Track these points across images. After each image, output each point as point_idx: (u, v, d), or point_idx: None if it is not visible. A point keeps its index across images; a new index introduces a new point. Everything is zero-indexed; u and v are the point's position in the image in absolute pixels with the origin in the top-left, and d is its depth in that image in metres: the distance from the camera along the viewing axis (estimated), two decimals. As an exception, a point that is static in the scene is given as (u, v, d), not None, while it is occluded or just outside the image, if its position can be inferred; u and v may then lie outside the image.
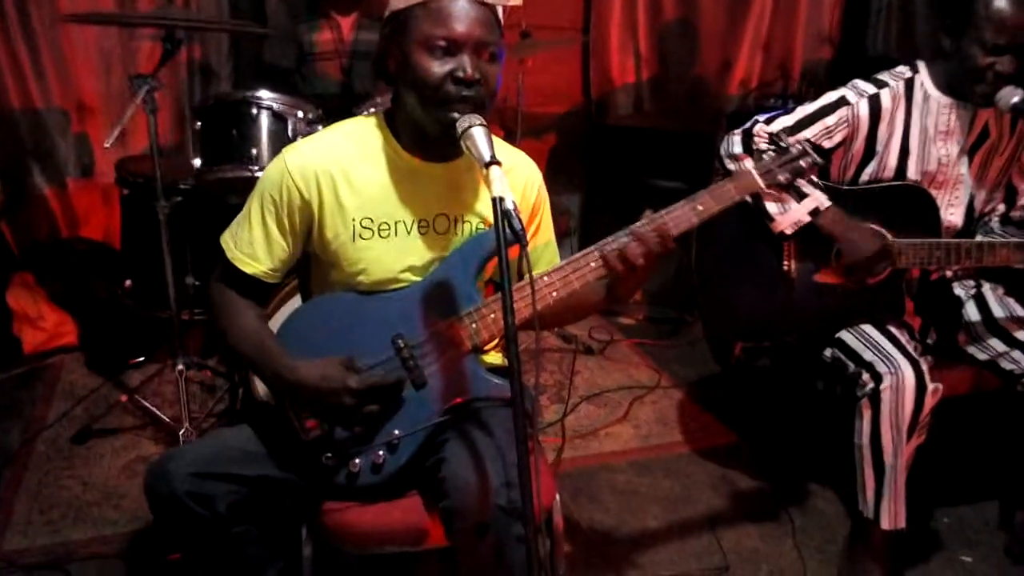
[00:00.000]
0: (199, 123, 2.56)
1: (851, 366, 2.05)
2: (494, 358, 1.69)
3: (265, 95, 2.50)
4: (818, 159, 1.57)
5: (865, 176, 2.15)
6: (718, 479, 2.58)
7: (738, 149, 2.10)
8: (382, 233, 1.49)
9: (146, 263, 2.78)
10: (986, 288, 2.22)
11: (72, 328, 3.32)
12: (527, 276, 1.20)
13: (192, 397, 2.74)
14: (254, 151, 2.47)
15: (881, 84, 2.11)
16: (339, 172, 1.47)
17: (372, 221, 1.48)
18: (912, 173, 2.10)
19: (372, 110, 2.62)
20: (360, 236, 1.48)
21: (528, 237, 1.61)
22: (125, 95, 2.99)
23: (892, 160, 2.11)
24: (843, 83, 2.17)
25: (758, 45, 4.15)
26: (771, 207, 2.09)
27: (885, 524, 1.99)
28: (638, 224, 1.47)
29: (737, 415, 2.95)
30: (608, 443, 2.77)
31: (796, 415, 2.85)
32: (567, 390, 3.07)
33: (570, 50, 4.07)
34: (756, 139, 2.09)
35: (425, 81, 1.37)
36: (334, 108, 2.83)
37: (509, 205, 1.21)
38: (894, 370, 1.93)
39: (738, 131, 2.13)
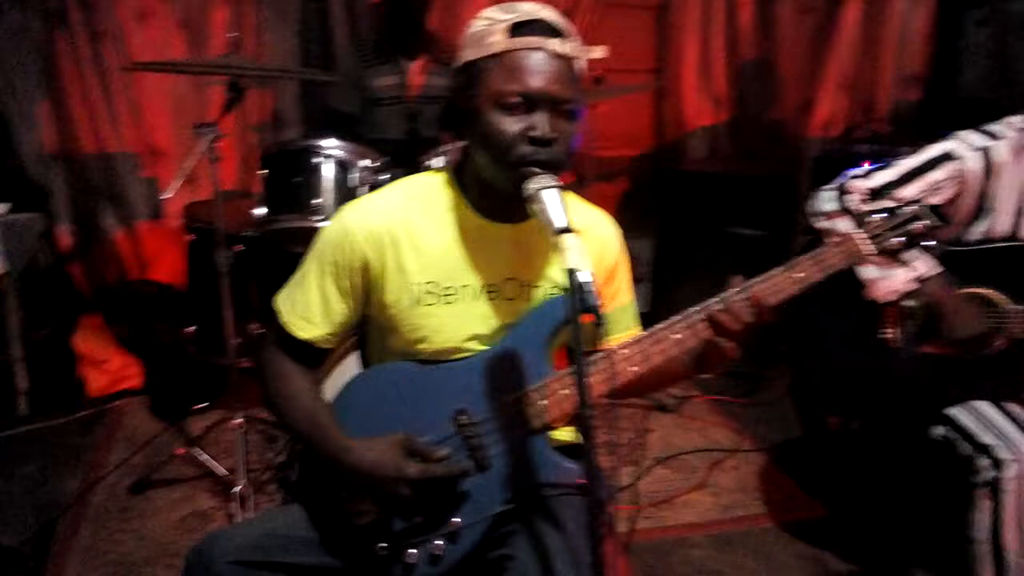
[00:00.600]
0: (265, 170, 2.52)
1: (964, 448, 1.83)
2: (564, 433, 1.54)
3: (328, 143, 2.45)
4: (936, 221, 1.38)
5: (974, 236, 1.95)
6: (806, 559, 2.35)
7: (830, 206, 1.93)
8: (447, 298, 1.37)
9: (210, 309, 2.73)
10: None
11: (137, 371, 3.31)
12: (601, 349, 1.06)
13: (252, 447, 2.67)
14: (317, 201, 2.41)
15: (992, 136, 1.92)
16: (403, 232, 1.36)
17: (437, 285, 1.36)
18: None
19: (438, 161, 2.54)
20: (423, 301, 1.36)
21: (605, 302, 1.48)
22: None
23: (1006, 219, 1.91)
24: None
25: (842, 85, 3.96)
26: (868, 271, 1.89)
27: None
28: (728, 293, 1.32)
29: (825, 485, 2.71)
30: (685, 513, 2.58)
31: (891, 490, 2.60)
32: (640, 451, 2.89)
33: (640, 94, 3.95)
34: (849, 196, 1.91)
35: (497, 140, 1.26)
36: (400, 155, 2.77)
37: (584, 277, 1.08)
38: (1018, 457, 1.71)
39: (830, 186, 1.96)
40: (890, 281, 1.86)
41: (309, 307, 1.38)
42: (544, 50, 1.25)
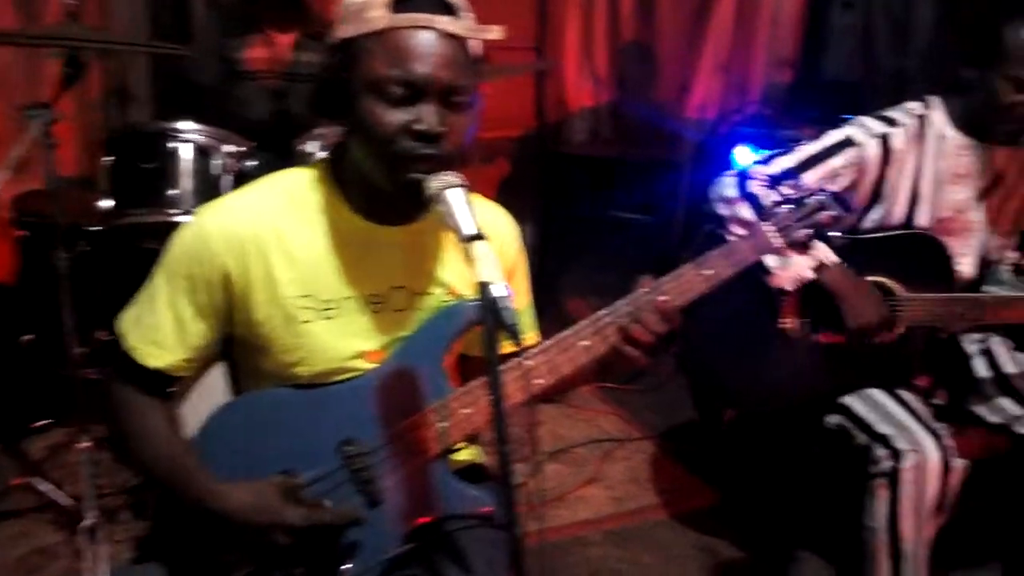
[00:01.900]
0: (110, 157, 2.23)
1: (861, 437, 1.83)
2: (462, 453, 1.40)
3: (185, 126, 2.19)
4: (841, 211, 1.33)
5: (868, 223, 1.94)
6: (702, 550, 2.33)
7: (730, 192, 1.87)
8: (326, 313, 1.20)
9: (49, 314, 2.41)
10: (994, 342, 2.04)
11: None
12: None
13: (102, 469, 2.38)
14: (173, 191, 2.15)
15: (891, 122, 1.91)
16: (271, 238, 1.17)
17: (313, 298, 1.19)
18: (922, 220, 1.91)
19: (314, 146, 2.32)
20: (298, 318, 1.18)
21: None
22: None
23: (901, 206, 1.91)
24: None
25: (717, 67, 3.99)
26: (770, 259, 1.85)
27: None
28: (637, 294, 1.22)
29: (716, 470, 2.71)
30: (580, 509, 2.51)
31: (782, 474, 2.63)
32: (529, 446, 2.79)
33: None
34: (752, 181, 1.86)
35: (376, 132, 1.09)
36: (270, 138, 2.53)
37: (499, 291, 0.94)
38: (916, 448, 1.72)
39: (732, 173, 1.90)
40: (791, 269, 1.82)
41: (159, 330, 1.17)
42: (433, 29, 1.08)
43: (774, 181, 1.84)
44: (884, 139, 1.88)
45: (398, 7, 1.09)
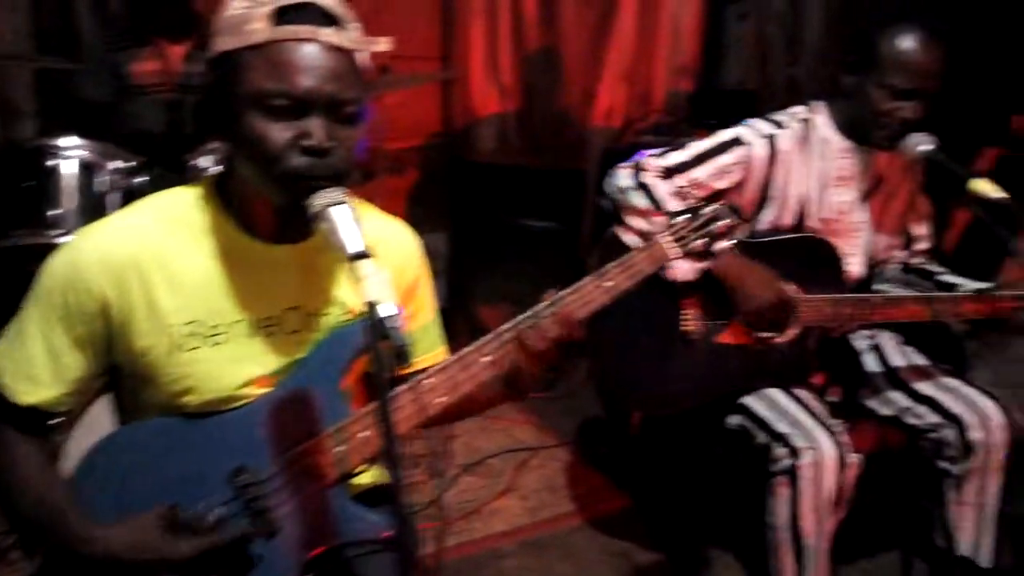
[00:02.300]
0: (-15, 175, 2.10)
1: (760, 436, 1.88)
2: (364, 476, 1.37)
3: (68, 141, 2.09)
4: (736, 220, 1.37)
5: (763, 223, 2.00)
6: (615, 555, 2.36)
7: (627, 182, 1.91)
8: (215, 339, 1.15)
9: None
10: (884, 338, 2.13)
11: None
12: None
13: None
14: (55, 211, 2.04)
15: (778, 124, 1.97)
16: (153, 262, 1.12)
17: (200, 324, 1.14)
18: (812, 221, 1.97)
19: (207, 161, 2.24)
20: (185, 346, 1.13)
21: (405, 321, 1.33)
22: None
23: (791, 208, 1.97)
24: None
25: (620, 75, 4.04)
26: None
27: None
28: (537, 309, 1.22)
29: (628, 474, 2.75)
30: (494, 521, 2.50)
31: (690, 475, 2.68)
32: (443, 460, 2.77)
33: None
34: (645, 172, 1.90)
35: (262, 149, 1.05)
36: (162, 153, 2.43)
37: (387, 311, 0.92)
38: (813, 445, 1.77)
39: (626, 165, 1.94)
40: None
41: (33, 363, 1.10)
42: (316, 42, 1.05)
43: (667, 173, 1.90)
44: (771, 140, 1.94)
45: (279, 19, 1.05)
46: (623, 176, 1.93)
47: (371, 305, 0.92)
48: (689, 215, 1.35)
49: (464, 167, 3.83)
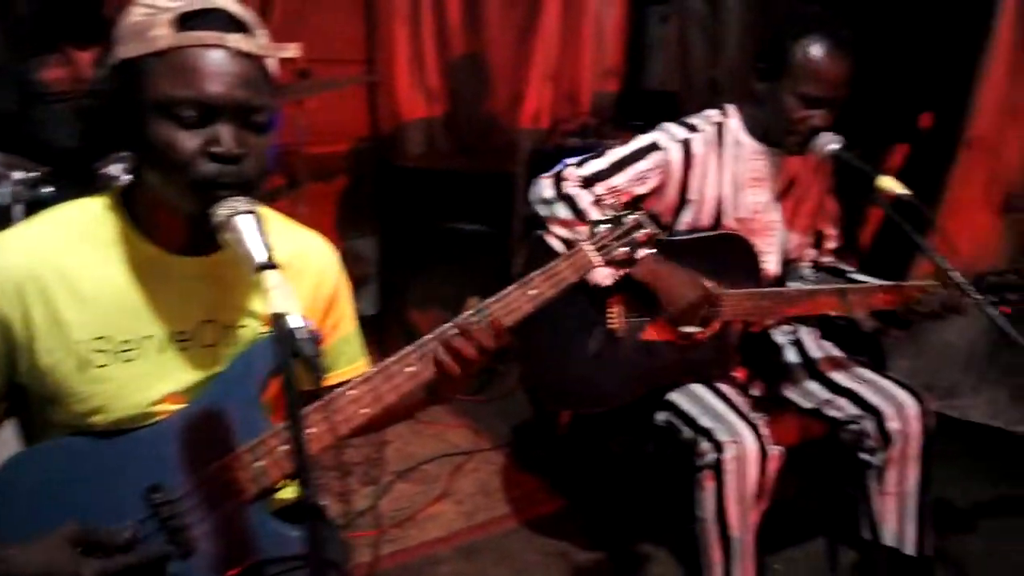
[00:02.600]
0: None
1: (686, 432, 1.91)
2: (288, 491, 1.34)
3: (-32, 153, 1.98)
4: (656, 229, 1.39)
5: (682, 224, 2.04)
6: (551, 556, 2.37)
7: (550, 193, 1.92)
8: (125, 355, 1.11)
9: None
10: (803, 332, 2.19)
11: None
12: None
13: None
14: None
15: (692, 128, 2.01)
16: (56, 277, 1.07)
17: (109, 340, 1.10)
18: (728, 221, 2.02)
19: (117, 169, 2.16)
20: (93, 363, 1.09)
21: (325, 335, 1.31)
22: None
23: (709, 208, 2.01)
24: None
25: (546, 77, 4.06)
26: None
27: None
28: (463, 316, 1.22)
29: (562, 475, 2.76)
30: (430, 527, 2.48)
31: (622, 473, 2.71)
32: (377, 467, 2.74)
33: (354, 85, 3.77)
34: (566, 182, 1.92)
35: (170, 157, 1.02)
36: (70, 162, 2.33)
37: (295, 322, 0.90)
38: (735, 439, 1.81)
39: (547, 175, 1.96)
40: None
41: (-74, 385, 1.04)
42: (224, 48, 1.03)
43: (587, 182, 1.92)
44: (686, 144, 1.98)
45: (184, 25, 1.02)
46: (545, 187, 1.94)
47: (278, 317, 0.90)
48: (611, 224, 1.37)
49: (392, 171, 3.79)
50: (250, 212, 1.00)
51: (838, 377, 2.07)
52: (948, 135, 3.23)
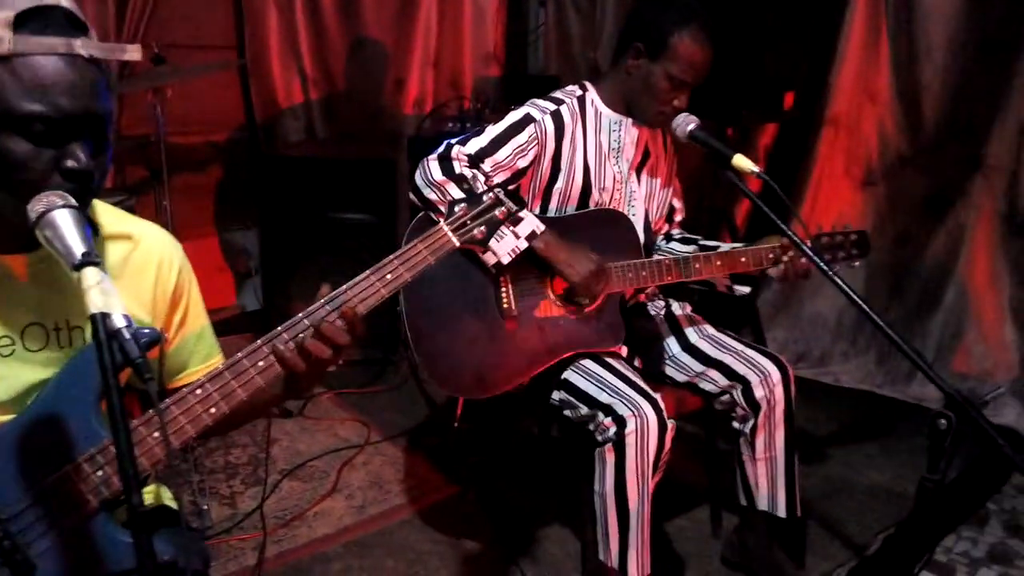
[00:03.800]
0: None
1: (583, 409, 1.92)
2: (144, 497, 1.27)
3: None
4: (513, 206, 1.38)
5: (554, 195, 2.06)
6: (444, 543, 2.35)
7: (439, 176, 1.88)
8: (-60, 364, 1.02)
9: None
10: (675, 307, 2.24)
11: None
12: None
13: None
14: None
15: (558, 101, 2.05)
16: None
17: (-79, 349, 1.01)
18: (595, 191, 2.06)
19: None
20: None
21: (172, 332, 1.25)
22: None
23: (578, 178, 2.05)
24: (512, 101, 2.08)
25: (428, 62, 4.02)
26: None
27: (633, 574, 1.90)
28: (315, 306, 1.17)
29: (455, 460, 2.75)
30: (319, 524, 2.42)
31: (518, 454, 2.72)
32: (264, 467, 2.65)
33: (227, 72, 3.61)
34: (456, 162, 1.90)
35: (17, 175, 0.97)
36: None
37: (118, 322, 0.84)
38: (637, 413, 1.83)
39: (434, 157, 1.92)
40: (505, 242, 1.85)
41: None
42: (70, 55, 0.97)
43: (473, 161, 1.91)
44: (556, 115, 2.02)
45: (23, 28, 0.95)
46: (434, 169, 1.89)
47: (100, 317, 0.84)
48: (467, 203, 1.34)
49: (271, 161, 3.66)
50: (67, 207, 0.93)
51: (708, 349, 2.13)
52: (811, 115, 3.38)
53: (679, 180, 2.29)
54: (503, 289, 1.96)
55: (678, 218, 2.30)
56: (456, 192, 1.87)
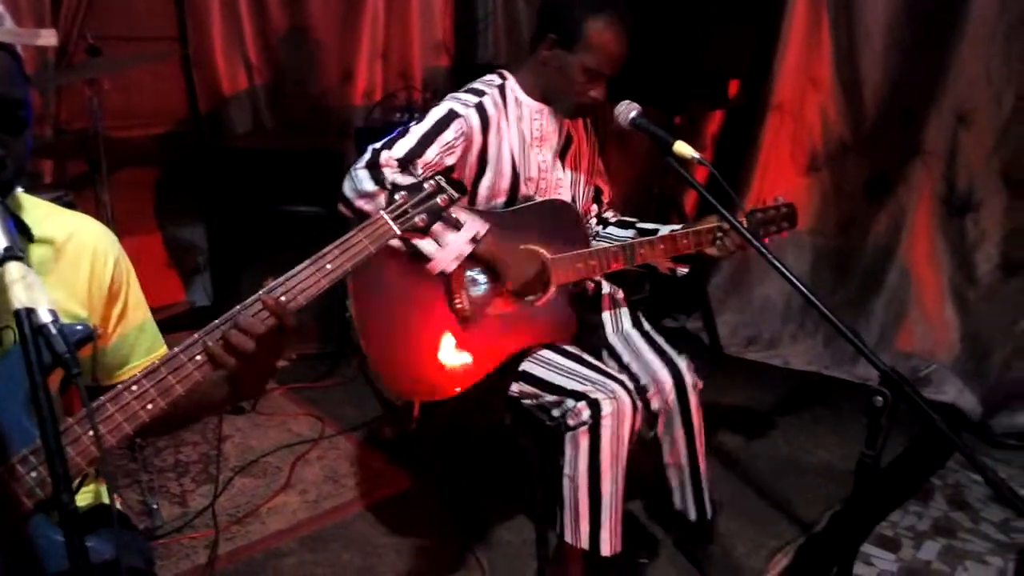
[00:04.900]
0: None
1: (547, 396, 1.93)
2: (84, 497, 1.25)
3: None
4: (455, 194, 1.37)
5: (483, 188, 2.03)
6: (401, 536, 2.35)
7: (370, 186, 1.82)
8: None
9: None
10: (604, 288, 2.23)
11: None
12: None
13: None
14: None
15: (480, 93, 2.02)
16: None
17: None
18: (523, 182, 2.06)
19: None
20: None
21: (112, 326, 1.22)
22: None
23: (506, 169, 2.03)
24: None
25: (376, 54, 3.98)
26: (424, 245, 1.85)
27: (606, 551, 1.91)
28: (250, 300, 1.15)
29: (410, 452, 2.75)
30: (272, 521, 2.39)
31: (472, 446, 2.72)
32: (216, 464, 2.61)
33: (168, 63, 3.53)
34: (386, 169, 1.85)
35: None
36: None
37: (44, 317, 0.82)
38: (611, 395, 1.84)
39: (362, 165, 1.86)
40: (449, 249, 1.85)
41: None
42: None
43: (403, 164, 1.87)
44: (480, 107, 1.99)
45: None
46: (363, 179, 1.84)
47: (24, 313, 0.82)
48: (407, 191, 1.33)
49: (217, 153, 3.59)
50: None
51: (623, 352, 2.14)
52: (755, 102, 3.43)
53: (608, 161, 2.29)
54: (454, 288, 1.96)
55: (605, 199, 2.28)
56: (368, 186, 1.82)
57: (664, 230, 2.06)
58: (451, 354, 1.96)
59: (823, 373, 3.43)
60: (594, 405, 1.85)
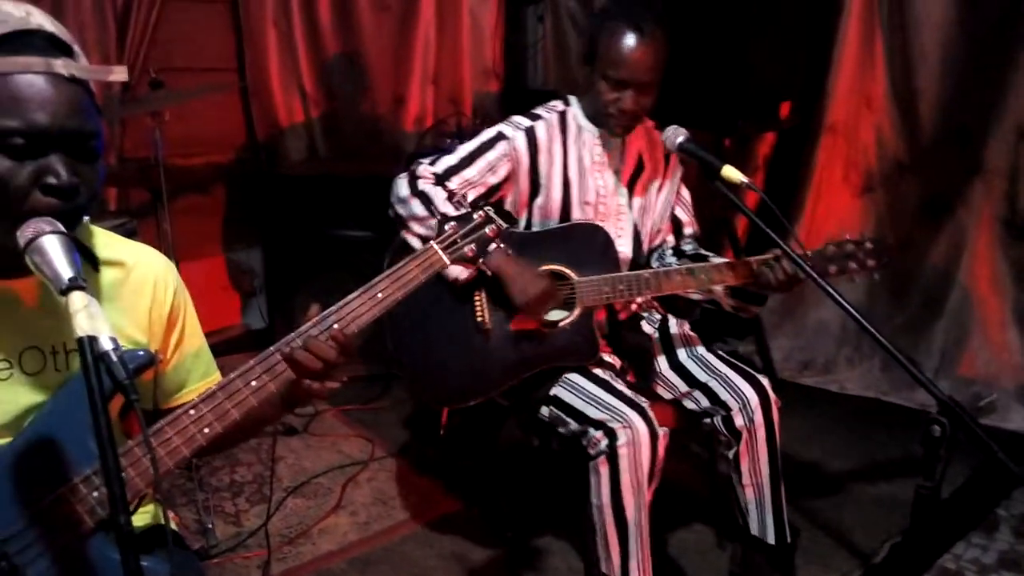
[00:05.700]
0: None
1: (572, 424, 1.93)
2: (142, 517, 1.29)
3: None
4: (503, 224, 1.40)
5: (536, 210, 2.09)
6: (449, 558, 2.35)
7: (405, 192, 1.97)
8: (-64, 388, 1.04)
9: None
10: (672, 323, 2.21)
11: None
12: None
13: None
14: None
15: (535, 117, 2.08)
16: None
17: (-82, 373, 1.02)
18: (577, 205, 2.07)
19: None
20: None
21: (170, 352, 1.26)
22: None
23: (557, 193, 2.07)
24: (513, 115, 2.11)
25: (427, 79, 4.05)
26: None
27: None
28: (305, 327, 1.19)
29: (456, 474, 2.76)
30: (323, 541, 2.42)
31: (515, 469, 2.72)
32: (269, 485, 2.66)
33: (227, 94, 3.65)
34: (422, 180, 1.97)
35: (1, 191, 0.98)
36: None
37: (105, 344, 0.86)
38: (626, 424, 1.83)
39: (403, 175, 2.00)
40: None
41: None
42: (50, 74, 0.99)
43: (440, 178, 1.97)
44: (529, 131, 2.05)
45: (4, 49, 0.97)
46: (401, 187, 1.98)
47: (85, 340, 0.85)
48: (458, 222, 1.36)
49: (273, 180, 3.69)
50: (55, 233, 0.95)
51: (695, 370, 2.10)
52: (808, 123, 3.39)
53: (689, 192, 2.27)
54: (477, 302, 2.00)
55: (688, 231, 2.25)
56: (419, 209, 1.93)
57: (717, 261, 2.03)
58: (469, 365, 1.99)
59: (881, 399, 3.34)
60: (610, 434, 1.84)
